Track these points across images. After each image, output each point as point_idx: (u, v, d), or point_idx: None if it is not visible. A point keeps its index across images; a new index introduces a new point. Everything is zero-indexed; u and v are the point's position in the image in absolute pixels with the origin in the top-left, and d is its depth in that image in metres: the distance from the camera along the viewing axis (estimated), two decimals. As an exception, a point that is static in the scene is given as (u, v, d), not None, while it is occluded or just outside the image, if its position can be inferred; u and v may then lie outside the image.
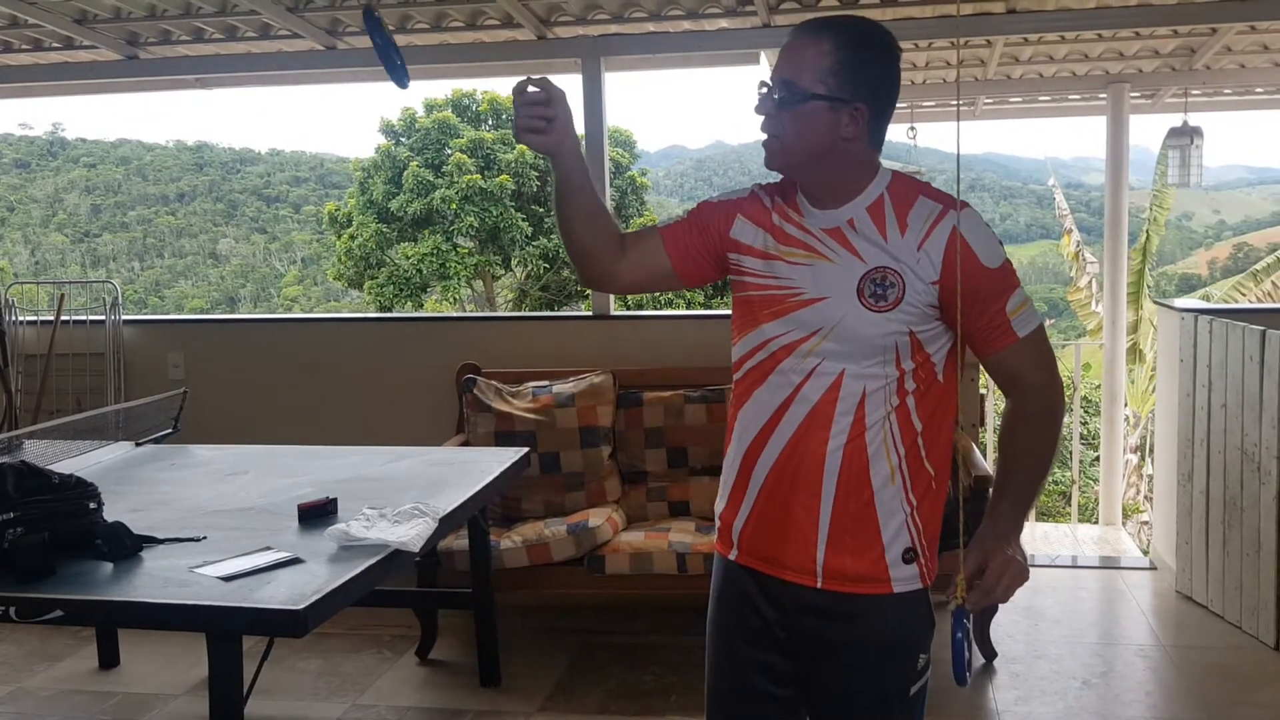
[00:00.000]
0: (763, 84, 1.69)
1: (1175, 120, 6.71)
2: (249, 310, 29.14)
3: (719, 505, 1.86)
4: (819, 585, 1.72)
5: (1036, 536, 5.88)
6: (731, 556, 1.83)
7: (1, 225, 30.86)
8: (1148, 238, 9.65)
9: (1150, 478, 7.40)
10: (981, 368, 4.43)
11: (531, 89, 1.70)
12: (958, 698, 3.41)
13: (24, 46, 4.86)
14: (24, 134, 36.28)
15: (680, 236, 1.83)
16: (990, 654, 3.63)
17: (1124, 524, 6.20)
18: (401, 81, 1.79)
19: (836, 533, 1.70)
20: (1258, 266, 9.98)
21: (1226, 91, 6.70)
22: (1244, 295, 9.45)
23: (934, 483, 1.75)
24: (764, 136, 1.71)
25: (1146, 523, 7.88)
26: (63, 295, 5.09)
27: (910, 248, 1.65)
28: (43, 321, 5.12)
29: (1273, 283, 9.57)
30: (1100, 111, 6.19)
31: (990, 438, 5.78)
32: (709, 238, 1.81)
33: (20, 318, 5.14)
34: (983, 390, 4.51)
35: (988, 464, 4.38)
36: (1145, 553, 5.48)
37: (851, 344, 1.67)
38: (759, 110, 1.69)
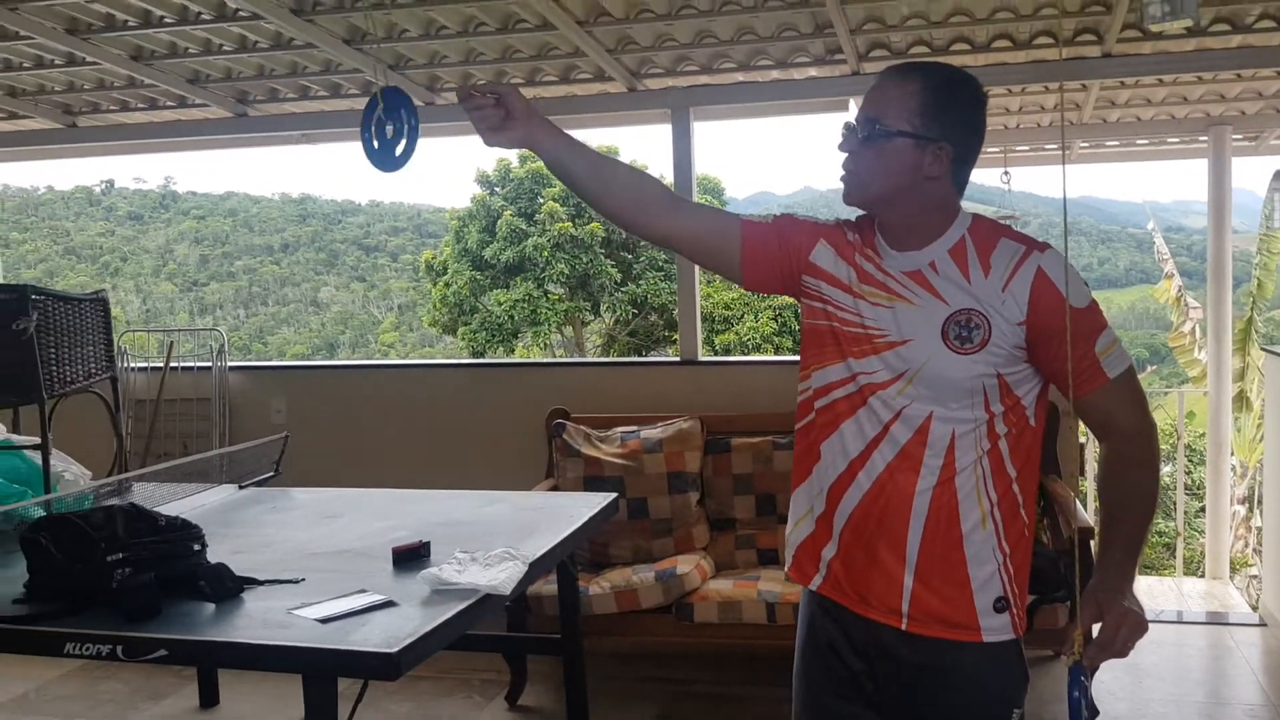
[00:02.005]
0: (847, 125, 1.70)
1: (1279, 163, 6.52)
2: (347, 356, 29.85)
3: (798, 534, 1.83)
4: (904, 627, 1.68)
5: (1139, 591, 5.68)
6: (814, 585, 1.80)
7: (115, 275, 32.18)
8: (1259, 284, 9.35)
9: (1259, 530, 7.11)
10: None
11: (474, 95, 1.73)
12: (1057, 757, 3.30)
13: (140, 105, 5.11)
14: (138, 188, 37.90)
15: (758, 238, 1.81)
16: (1092, 712, 3.50)
17: (1232, 578, 5.96)
18: (386, 165, 1.83)
19: (923, 575, 1.67)
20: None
21: (1335, 132, 6.50)
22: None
23: (1026, 530, 1.72)
24: (843, 173, 1.71)
25: (1256, 576, 7.54)
26: (172, 342, 5.29)
27: (994, 289, 1.64)
28: (152, 368, 5.32)
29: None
30: (1201, 154, 6.05)
31: (1089, 486, 5.63)
32: (787, 251, 1.80)
33: (132, 364, 5.35)
34: (1082, 438, 4.40)
35: (1088, 515, 4.26)
36: (1255, 608, 5.25)
37: (938, 387, 1.65)
38: (843, 148, 1.70)
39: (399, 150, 1.99)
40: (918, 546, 1.67)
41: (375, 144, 1.94)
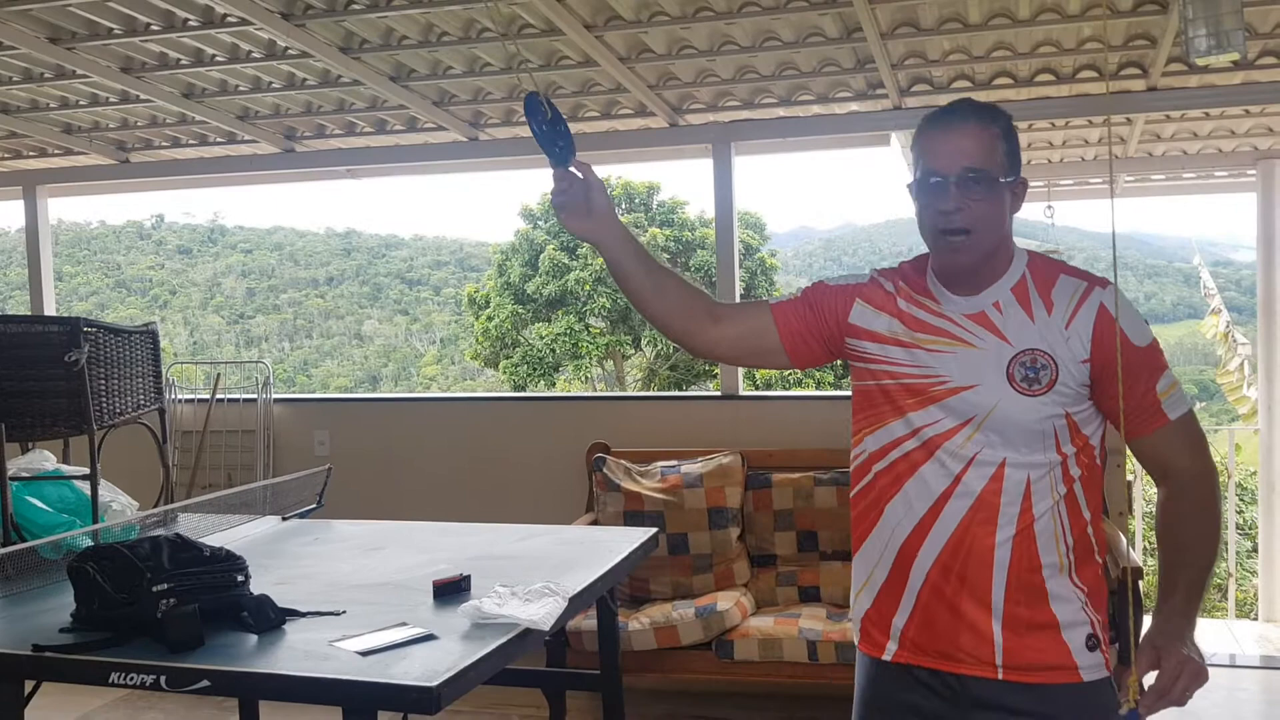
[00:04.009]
0: (940, 175, 1.62)
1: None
2: (390, 389, 30.10)
3: (860, 606, 1.78)
4: (1000, 677, 1.63)
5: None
6: (887, 656, 1.74)
7: (164, 308, 32.74)
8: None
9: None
10: (1129, 452, 4.26)
11: (571, 171, 1.73)
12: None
13: (191, 141, 5.22)
14: (187, 221, 38.63)
15: (791, 315, 1.80)
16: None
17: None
18: (564, 159, 1.77)
19: (1011, 623, 1.63)
20: None
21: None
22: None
23: (1100, 570, 1.69)
24: (956, 206, 1.62)
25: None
26: (219, 375, 5.36)
27: (1058, 327, 1.61)
28: (199, 400, 5.39)
29: None
30: (1250, 188, 5.96)
31: (1138, 525, 5.54)
32: (822, 320, 1.78)
33: (179, 396, 5.43)
34: (1130, 476, 4.33)
35: (1137, 555, 4.18)
36: (1312, 653, 5.11)
37: (1008, 431, 1.62)
38: (945, 206, 1.62)
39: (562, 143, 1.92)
40: (1003, 595, 1.63)
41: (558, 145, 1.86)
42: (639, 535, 3.42)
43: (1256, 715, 4.02)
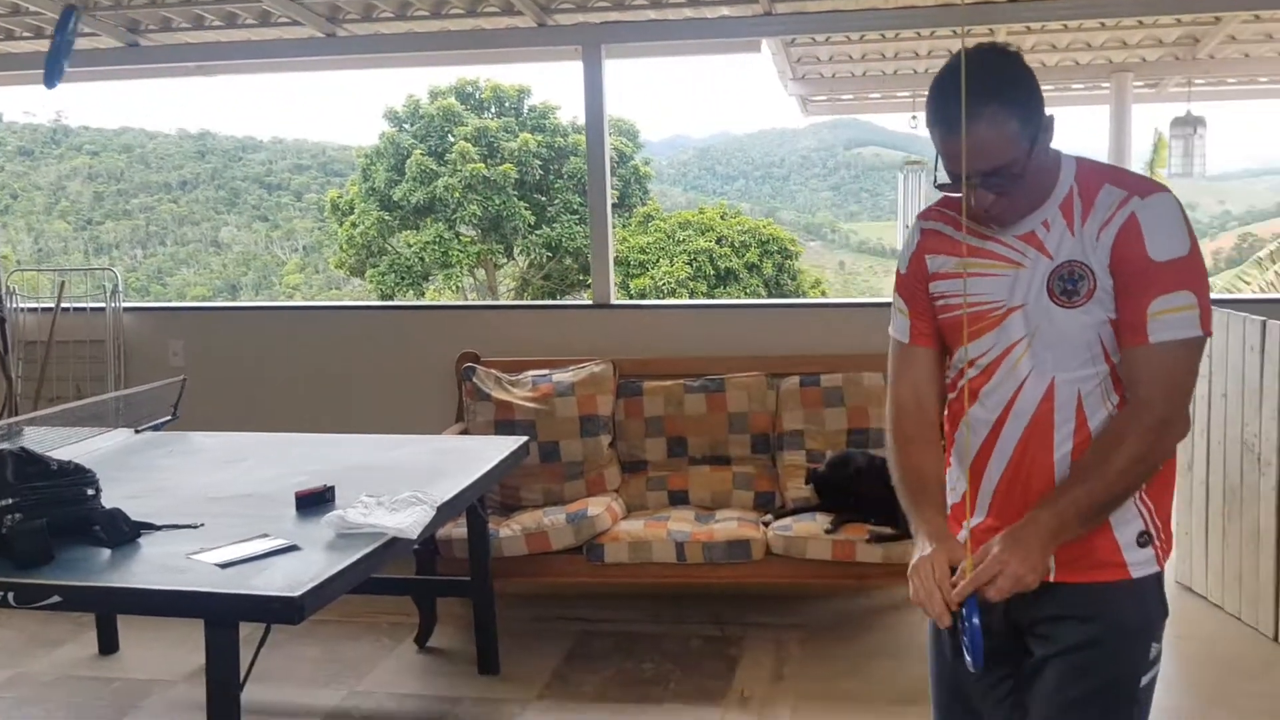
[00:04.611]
0: (959, 175, 1.59)
1: (1179, 110, 6.69)
2: (250, 298, 29.18)
3: (953, 498, 1.81)
4: (1051, 578, 1.63)
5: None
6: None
7: (5, 213, 30.85)
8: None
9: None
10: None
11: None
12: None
13: (25, 34, 4.85)
14: (28, 121, 36.23)
15: (923, 324, 1.80)
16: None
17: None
18: (50, 81, 1.63)
19: None
20: (1261, 255, 9.96)
21: (1231, 81, 6.68)
22: (1248, 285, 9.44)
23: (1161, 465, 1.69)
24: (991, 202, 1.61)
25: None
26: (64, 282, 5.09)
27: (1092, 236, 1.60)
28: (44, 309, 5.12)
29: (1276, 272, 9.55)
30: (1104, 100, 6.17)
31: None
32: (929, 296, 1.78)
33: (22, 305, 5.14)
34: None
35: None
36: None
37: (1056, 346, 1.62)
38: (981, 203, 1.62)
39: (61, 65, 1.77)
40: None
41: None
42: (509, 444, 3.42)
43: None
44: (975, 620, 1.57)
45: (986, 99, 1.54)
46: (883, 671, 3.51)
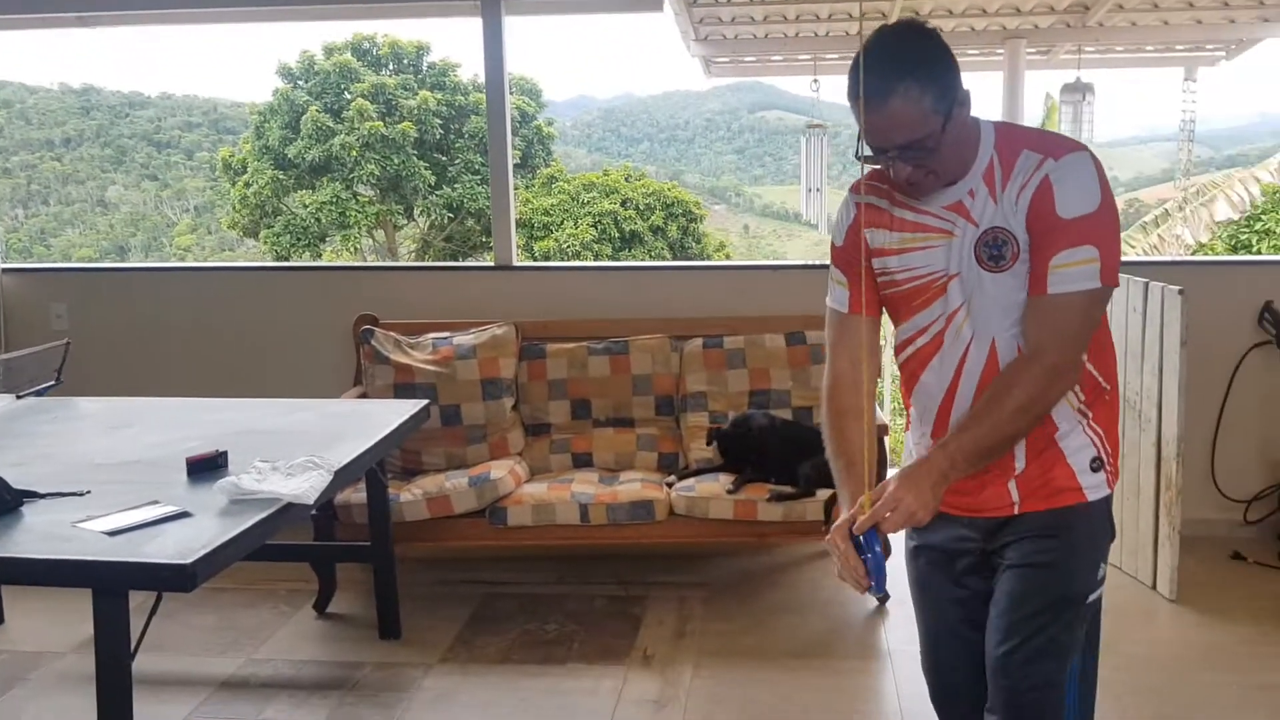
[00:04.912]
0: (882, 152, 1.66)
1: (1069, 76, 6.87)
2: (140, 260, 28.22)
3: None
4: (1016, 512, 1.77)
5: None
6: None
7: None
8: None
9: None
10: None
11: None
12: (850, 638, 3.50)
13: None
14: (-106, 72, 34.29)
15: (860, 295, 1.85)
16: (884, 596, 3.73)
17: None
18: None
19: (1029, 464, 1.76)
20: (1146, 220, 10.33)
21: (1119, 49, 6.88)
22: (1133, 248, 9.78)
23: (1102, 385, 1.78)
24: (909, 173, 1.67)
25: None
26: (-66, 242, 4.84)
27: (1012, 201, 1.67)
28: (-87, 269, 4.87)
29: (1159, 236, 9.92)
30: (999, 66, 6.30)
31: (886, 387, 5.92)
32: (869, 267, 1.83)
33: (-112, 265, 4.88)
34: (880, 342, 4.59)
35: (885, 415, 4.47)
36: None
37: (990, 309, 1.70)
38: (899, 175, 1.68)
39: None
40: (1023, 452, 1.75)
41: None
42: (409, 407, 3.37)
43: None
44: (877, 549, 1.67)
45: (901, 75, 1.60)
46: (784, 627, 3.58)
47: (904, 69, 1.60)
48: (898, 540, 1.82)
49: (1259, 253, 10.32)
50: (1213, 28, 6.04)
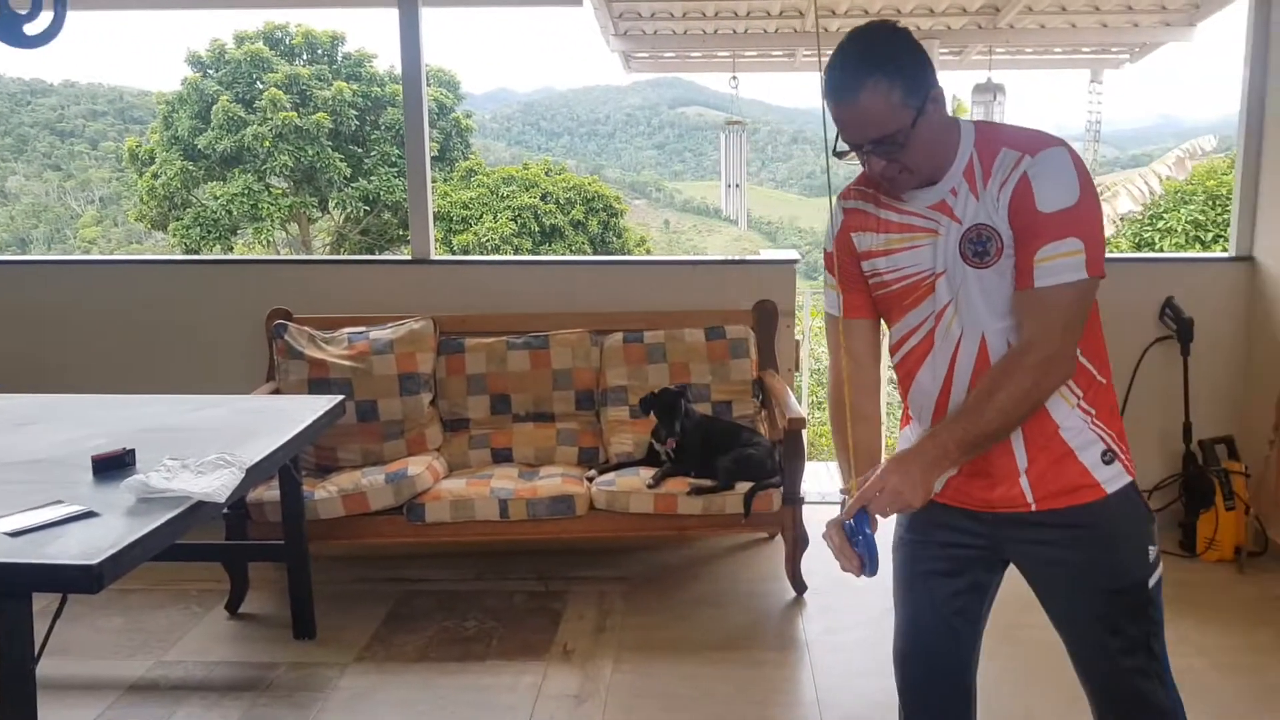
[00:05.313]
0: (856, 147, 1.70)
1: (981, 77, 7.02)
2: (42, 252, 27.32)
3: None
4: (1032, 509, 1.78)
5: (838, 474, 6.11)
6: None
7: None
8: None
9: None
10: (797, 315, 4.53)
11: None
12: (769, 630, 3.54)
13: None
14: None
15: (854, 299, 1.88)
16: (801, 588, 3.78)
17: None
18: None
19: (1034, 463, 1.77)
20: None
21: (1028, 50, 7.06)
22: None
23: (1103, 389, 1.80)
24: (881, 168, 1.71)
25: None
26: None
27: (993, 198, 1.69)
28: None
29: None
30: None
31: (804, 380, 5.99)
32: (860, 271, 1.86)
33: None
34: (797, 337, 4.65)
35: (803, 408, 4.53)
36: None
37: (978, 306, 1.73)
38: (874, 170, 1.72)
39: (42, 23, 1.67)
40: (1024, 448, 1.77)
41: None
42: (323, 403, 3.33)
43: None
44: (867, 530, 1.71)
45: (869, 70, 1.64)
46: (704, 619, 3.60)
47: (873, 64, 1.64)
48: (887, 528, 1.83)
49: (1161, 250, 10.67)
50: (1117, 31, 6.23)
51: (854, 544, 1.71)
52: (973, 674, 1.99)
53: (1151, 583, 1.80)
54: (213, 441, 2.75)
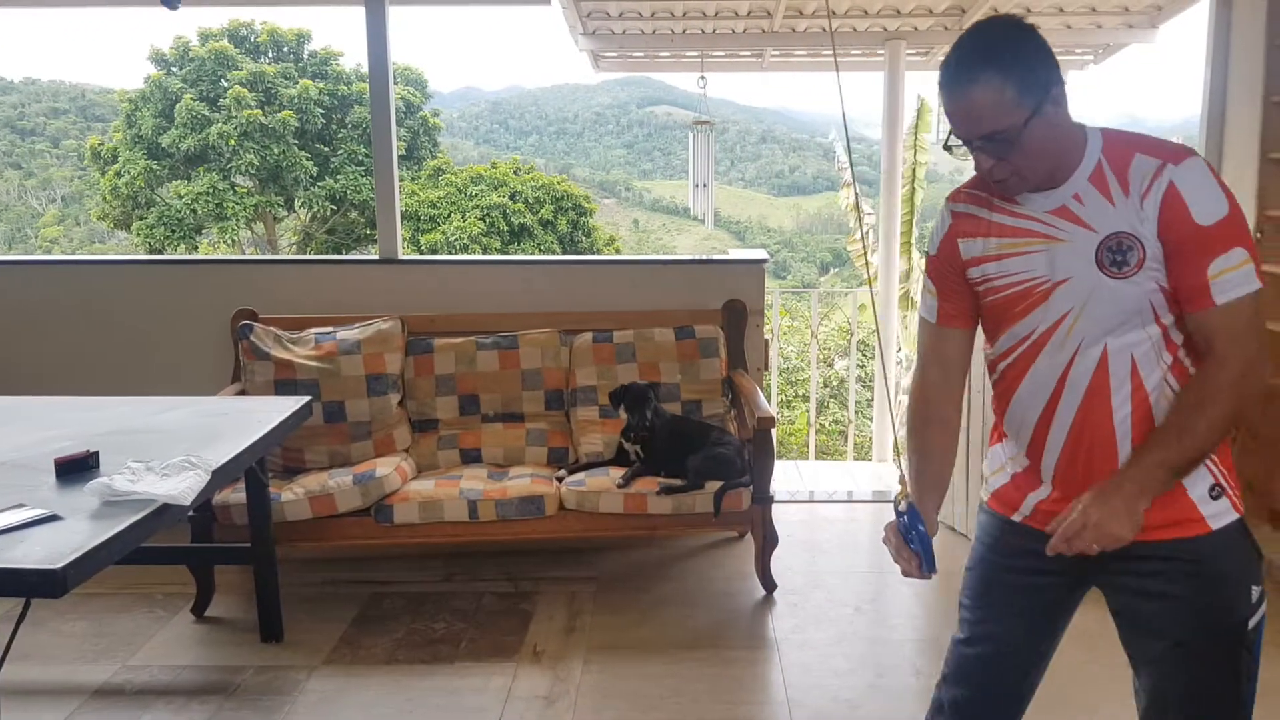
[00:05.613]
0: (962, 140, 1.66)
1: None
2: (2, 252, 26.93)
3: (997, 481, 1.88)
4: (1130, 539, 1.66)
5: (815, 474, 6.14)
6: (1017, 518, 1.84)
7: None
8: (913, 190, 10.20)
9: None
10: (766, 315, 4.55)
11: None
12: (738, 628, 3.55)
13: None
14: None
15: (950, 306, 1.85)
16: (770, 586, 3.79)
17: (895, 460, 6.56)
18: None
19: None
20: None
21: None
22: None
23: None
24: (990, 166, 1.66)
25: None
26: None
27: (1135, 207, 1.63)
28: None
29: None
30: (880, 67, 6.44)
31: (774, 379, 6.00)
32: (961, 279, 1.82)
33: None
34: (767, 336, 4.66)
35: (772, 407, 4.54)
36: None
37: (1106, 316, 1.66)
38: (978, 168, 1.68)
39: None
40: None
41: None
42: (290, 404, 3.30)
43: (868, 543, 4.53)
44: (920, 528, 1.75)
45: (983, 65, 1.60)
46: (673, 619, 3.61)
47: (988, 58, 1.60)
48: (949, 540, 1.80)
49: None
50: (1081, 33, 6.28)
51: (908, 542, 1.72)
52: (1029, 701, 1.94)
53: (1251, 623, 1.73)
54: (178, 443, 2.73)
